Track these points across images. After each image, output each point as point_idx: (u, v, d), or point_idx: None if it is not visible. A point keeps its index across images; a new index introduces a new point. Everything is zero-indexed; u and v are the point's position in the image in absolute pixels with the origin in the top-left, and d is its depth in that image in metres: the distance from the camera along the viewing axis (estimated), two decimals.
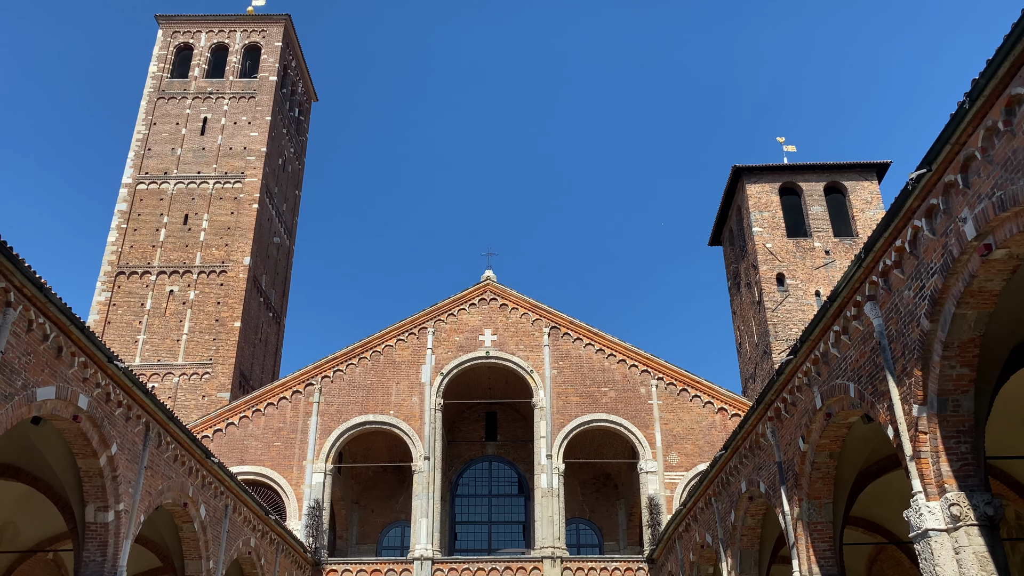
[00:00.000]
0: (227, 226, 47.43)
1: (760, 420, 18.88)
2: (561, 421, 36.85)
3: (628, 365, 38.34)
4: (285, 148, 55.16)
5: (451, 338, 38.76)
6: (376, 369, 37.90)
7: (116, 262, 45.87)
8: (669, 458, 36.29)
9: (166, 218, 47.43)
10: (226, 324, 44.65)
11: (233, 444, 35.86)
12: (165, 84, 51.83)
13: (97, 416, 15.48)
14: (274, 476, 35.34)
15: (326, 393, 37.22)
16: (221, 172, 49.01)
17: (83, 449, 15.71)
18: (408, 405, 37.05)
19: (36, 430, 15.62)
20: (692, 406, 37.54)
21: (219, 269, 46.09)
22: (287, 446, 36.01)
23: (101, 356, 15.28)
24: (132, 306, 44.88)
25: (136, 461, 17.17)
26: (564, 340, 38.85)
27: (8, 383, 12.83)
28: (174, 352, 44.03)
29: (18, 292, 12.95)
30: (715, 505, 23.18)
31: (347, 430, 36.47)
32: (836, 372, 14.74)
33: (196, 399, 42.53)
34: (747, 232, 44.64)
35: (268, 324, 50.81)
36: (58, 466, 16.43)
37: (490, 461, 42.86)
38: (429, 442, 36.11)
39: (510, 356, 38.33)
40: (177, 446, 19.28)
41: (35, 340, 13.60)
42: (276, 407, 36.89)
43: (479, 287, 40.09)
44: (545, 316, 39.30)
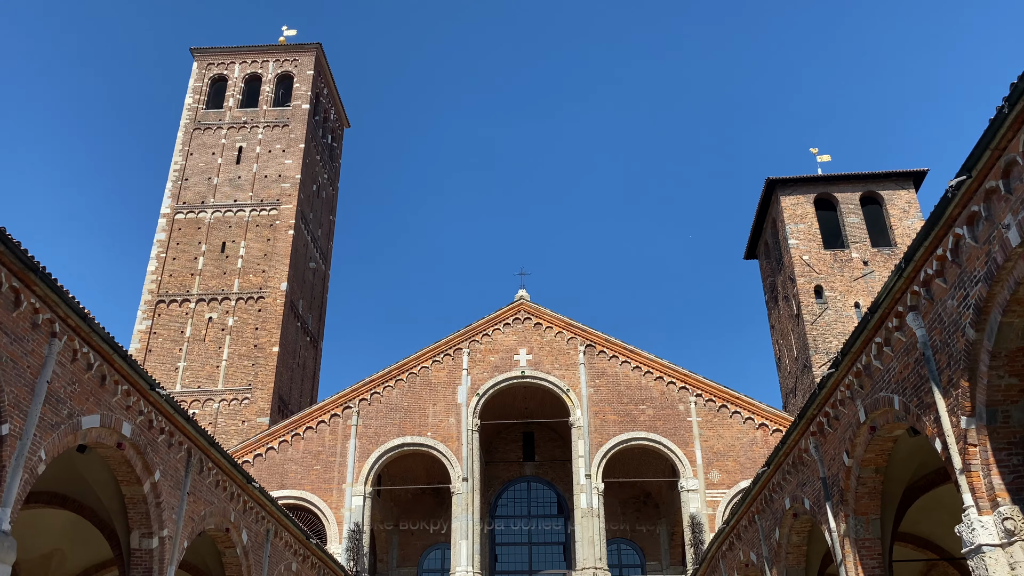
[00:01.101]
0: (264, 253, 48.10)
1: (803, 435, 18.55)
2: (599, 440, 36.58)
3: (666, 382, 38.00)
4: (319, 174, 55.90)
5: (486, 358, 38.76)
6: (413, 391, 38.01)
7: (156, 291, 46.71)
8: (710, 476, 35.80)
9: (204, 246, 48.24)
10: (264, 349, 45.16)
11: (273, 468, 36.13)
12: (201, 115, 52.92)
13: (140, 443, 15.70)
14: (314, 500, 35.49)
15: (364, 416, 37.39)
16: (257, 200, 49.79)
17: (127, 476, 15.92)
18: (445, 426, 37.06)
19: (82, 458, 15.87)
20: (732, 422, 37.05)
21: (257, 295, 46.70)
22: (326, 469, 36.19)
23: (143, 384, 15.52)
24: (172, 334, 45.61)
25: (179, 487, 17.36)
26: (600, 358, 38.65)
27: (55, 412, 13.08)
28: (214, 378, 44.61)
29: (63, 323, 13.23)
30: (759, 523, 22.78)
31: (385, 452, 36.56)
32: (879, 385, 14.45)
33: (236, 424, 42.99)
34: (783, 245, 44.16)
35: (306, 348, 51.28)
36: (103, 493, 16.66)
37: (528, 481, 42.64)
38: (467, 463, 36.05)
39: (545, 375, 38.20)
40: (219, 471, 19.47)
41: (80, 369, 13.86)
42: (315, 431, 37.13)
43: (513, 307, 40.09)
44: (580, 334, 39.15)
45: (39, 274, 12.25)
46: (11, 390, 12.00)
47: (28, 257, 11.93)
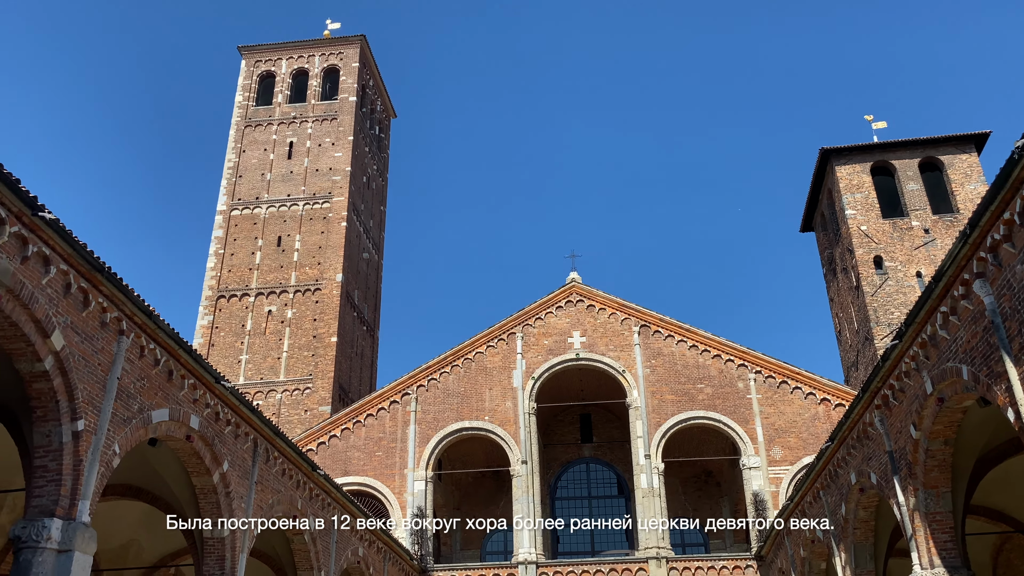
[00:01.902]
0: (318, 245, 48.84)
1: (867, 409, 18.19)
2: (657, 420, 36.39)
3: (724, 360, 37.57)
4: (368, 166, 56.43)
5: (540, 342, 38.81)
6: (469, 376, 38.29)
7: (216, 286, 47.83)
8: (772, 452, 35.37)
9: (260, 241, 49.19)
10: (323, 340, 45.95)
11: (336, 456, 36.82)
12: (251, 112, 53.81)
13: (208, 435, 16.15)
14: (377, 485, 36.09)
15: (422, 402, 37.81)
16: (309, 193, 50.52)
17: (197, 467, 16.40)
18: (502, 410, 37.27)
19: (153, 451, 16.40)
20: (793, 398, 36.49)
21: (313, 287, 47.49)
22: (388, 455, 36.74)
23: (209, 377, 15.95)
24: (233, 328, 46.71)
25: (247, 477, 17.83)
26: (655, 338, 38.37)
27: (126, 407, 13.53)
28: (275, 370, 45.58)
29: (130, 320, 13.66)
30: (824, 498, 22.45)
31: (444, 437, 36.95)
32: (946, 355, 14.07)
33: (299, 414, 43.90)
34: (840, 216, 43.15)
35: (363, 337, 52.02)
36: (175, 484, 17.21)
37: (587, 463, 42.67)
38: (525, 446, 36.23)
39: (600, 357, 38.09)
40: (284, 460, 19.92)
41: (148, 365, 14.31)
42: (375, 418, 37.69)
43: (565, 289, 40.01)
44: (634, 315, 38.91)
45: (105, 274, 12.66)
46: (84, 387, 12.45)
47: (95, 258, 12.32)
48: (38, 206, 11.08)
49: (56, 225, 11.46)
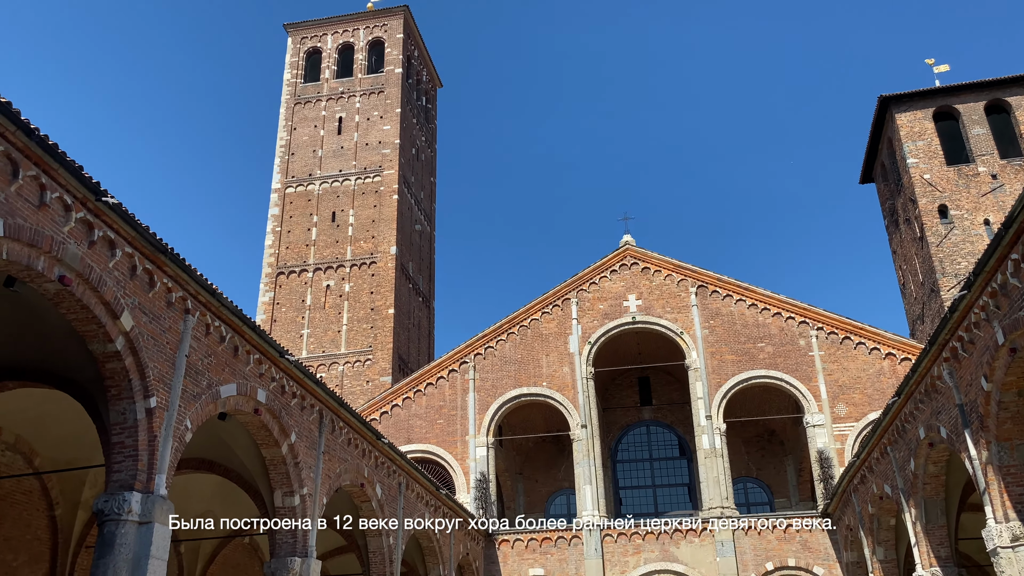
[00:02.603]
0: (372, 219, 49.35)
1: (935, 362, 17.72)
2: (717, 381, 36.08)
3: (784, 318, 36.96)
4: (416, 137, 56.59)
5: (595, 306, 38.68)
6: (525, 343, 38.43)
7: (275, 263, 48.78)
8: (836, 410, 34.82)
9: (315, 217, 49.90)
10: (381, 312, 46.62)
11: (399, 425, 37.48)
12: (300, 89, 54.31)
13: (275, 408, 16.57)
14: (440, 452, 36.68)
15: (480, 370, 38.14)
16: (360, 168, 50.96)
17: (266, 439, 16.86)
18: (560, 376, 37.38)
19: (223, 425, 16.90)
20: (857, 354, 35.77)
21: (369, 261, 48.10)
22: (449, 423, 37.26)
23: (273, 352, 16.32)
24: (294, 303, 47.68)
25: (314, 447, 18.27)
26: (713, 298, 37.91)
27: (195, 383, 13.95)
28: (336, 343, 46.46)
29: (194, 299, 14.02)
30: (891, 454, 22.05)
31: (503, 404, 37.27)
32: (1018, 304, 13.59)
33: (361, 385, 44.76)
34: (901, 165, 41.80)
35: (419, 308, 52.60)
36: (246, 457, 17.74)
37: (647, 425, 42.62)
38: (584, 410, 36.34)
39: (657, 319, 37.82)
40: (349, 430, 20.35)
41: (214, 342, 14.70)
42: (435, 386, 38.19)
43: (618, 253, 39.71)
44: (690, 275, 38.46)
45: (169, 255, 12.99)
46: (155, 366, 12.86)
47: (158, 240, 12.65)
48: (101, 191, 11.40)
49: (119, 209, 11.77)
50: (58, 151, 10.55)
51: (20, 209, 10.29)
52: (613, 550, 33.53)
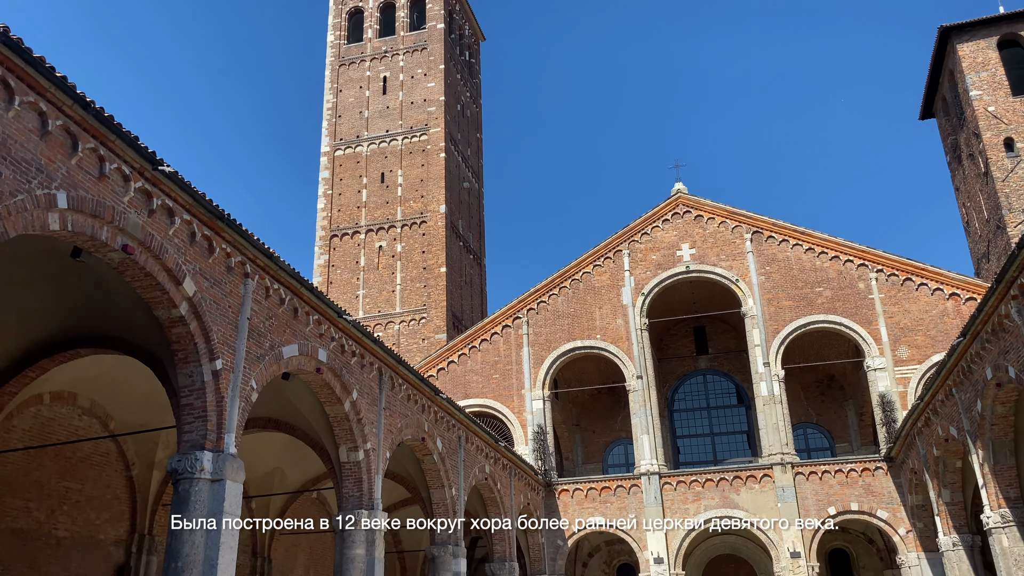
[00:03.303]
0: (420, 178, 49.49)
1: (1002, 300, 17.19)
2: (775, 327, 35.64)
3: (842, 261, 36.18)
4: (461, 93, 56.25)
5: (648, 257, 38.35)
6: (577, 296, 38.39)
7: (328, 226, 49.41)
8: (898, 352, 34.14)
9: (364, 179, 50.24)
10: (433, 271, 46.99)
11: (456, 380, 37.99)
12: (344, 51, 54.29)
13: (336, 366, 16.93)
14: (497, 406, 37.13)
15: (533, 325, 38.29)
16: (407, 127, 50.98)
17: (328, 397, 17.27)
18: (613, 328, 37.33)
19: (287, 385, 17.35)
20: (919, 295, 34.91)
21: (419, 220, 48.38)
22: (504, 378, 37.62)
23: (331, 313, 16.62)
24: (348, 264, 48.35)
25: (375, 404, 18.66)
26: (768, 244, 37.26)
27: (258, 345, 14.31)
28: (391, 302, 47.08)
29: (253, 264, 14.31)
30: (957, 396, 21.60)
31: (558, 357, 37.43)
32: None
33: (416, 343, 45.39)
34: (963, 98, 40.13)
35: (470, 266, 52.86)
36: (310, 415, 18.21)
37: (704, 374, 42.43)
38: (639, 361, 36.30)
39: (712, 268, 37.37)
40: (408, 387, 20.71)
41: (274, 304, 15.01)
42: (489, 342, 38.51)
43: (670, 201, 39.18)
44: (745, 222, 37.80)
45: (226, 221, 13.24)
46: (219, 329, 13.21)
47: (214, 206, 12.89)
48: (157, 160, 11.63)
49: (176, 177, 12.01)
50: (114, 123, 10.77)
51: (81, 181, 10.57)
52: (673, 497, 33.72)
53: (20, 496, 17.21)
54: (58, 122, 10.15)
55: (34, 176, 9.79)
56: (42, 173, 9.91)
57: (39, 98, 9.84)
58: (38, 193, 9.82)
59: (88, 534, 18.92)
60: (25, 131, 9.72)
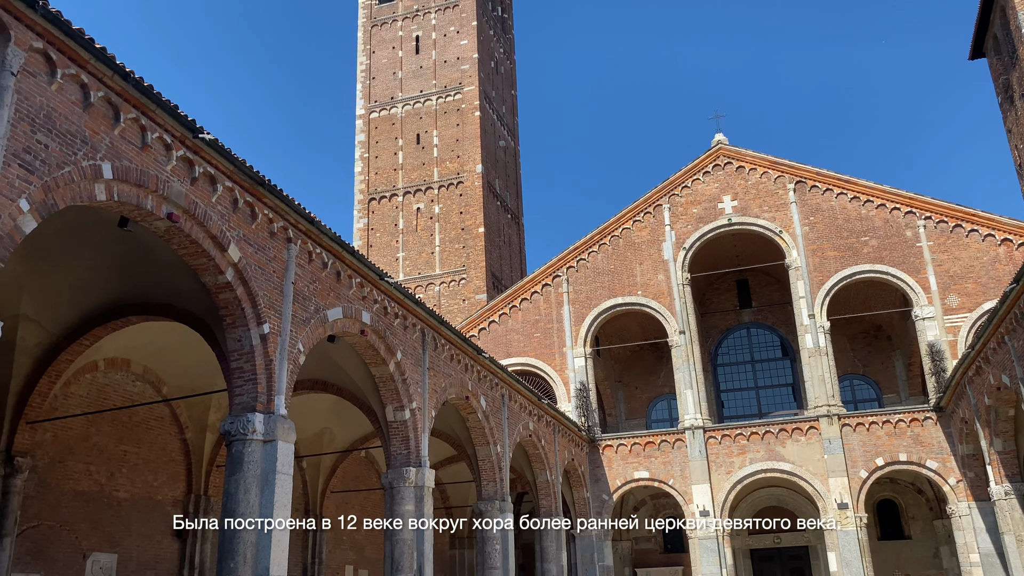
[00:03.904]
0: (455, 138, 49.31)
1: None
2: (820, 278, 35.10)
3: (889, 209, 35.36)
4: (494, 50, 55.64)
5: (688, 211, 37.88)
6: (617, 253, 38.16)
7: (366, 190, 49.63)
8: (947, 301, 33.44)
9: (400, 141, 50.23)
10: (471, 231, 47.05)
11: (497, 340, 38.20)
12: (375, 11, 53.95)
13: (380, 328, 17.11)
14: (539, 364, 37.30)
15: (573, 282, 38.22)
16: (441, 87, 50.68)
17: (373, 358, 17.50)
18: (655, 284, 37.09)
19: (333, 347, 17.59)
20: (969, 242, 34.03)
21: (456, 181, 48.33)
22: (546, 336, 37.72)
23: (373, 275, 16.75)
24: (387, 227, 48.62)
25: (419, 364, 18.86)
26: (812, 194, 36.53)
27: (303, 308, 14.50)
28: (430, 264, 47.34)
29: (295, 228, 14.44)
30: (1010, 343, 21.13)
31: (599, 315, 37.37)
32: None
33: (457, 303, 45.68)
34: (1016, 35, 38.54)
35: (508, 225, 52.79)
36: (356, 376, 18.48)
37: (748, 328, 42.06)
38: (681, 316, 36.09)
39: (754, 220, 36.81)
40: (451, 347, 20.88)
41: (317, 268, 15.17)
42: (530, 301, 38.57)
43: (711, 153, 38.53)
44: (788, 172, 37.06)
45: (267, 187, 13.35)
46: (264, 294, 13.40)
47: (255, 172, 12.99)
48: (197, 128, 11.72)
49: (216, 145, 12.10)
50: (154, 92, 10.86)
51: (125, 152, 10.71)
52: (717, 451, 33.73)
53: (81, 460, 17.83)
54: (100, 94, 10.26)
55: (79, 148, 9.94)
56: (87, 145, 10.06)
57: (80, 70, 9.95)
58: (84, 165, 9.97)
59: (147, 495, 19.56)
60: (68, 104, 9.85)
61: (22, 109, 9.15)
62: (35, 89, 9.37)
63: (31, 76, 9.32)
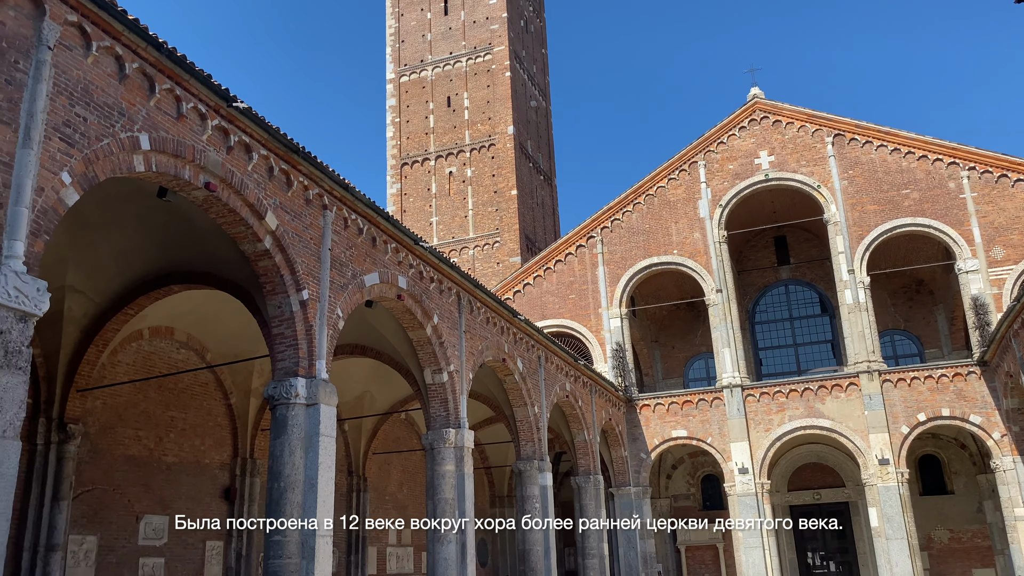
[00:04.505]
0: (486, 100, 48.97)
1: None
2: (859, 233, 34.50)
3: (931, 160, 34.51)
4: (524, 8, 54.91)
5: (724, 167, 37.34)
6: (652, 212, 37.83)
7: (398, 155, 49.64)
8: (992, 253, 32.70)
9: (431, 104, 50.02)
10: (504, 194, 46.92)
11: (533, 302, 38.27)
12: None
13: (416, 293, 17.24)
14: (575, 326, 37.33)
15: (607, 243, 38.03)
16: (470, 48, 50.23)
17: (411, 322, 17.66)
18: (691, 242, 36.76)
19: (371, 312, 17.78)
20: (1015, 192, 33.14)
21: (487, 143, 48.09)
22: (581, 297, 37.69)
23: (408, 240, 16.83)
24: (420, 192, 48.68)
25: (455, 328, 19.00)
26: (851, 147, 35.76)
27: (341, 274, 14.65)
28: (464, 228, 47.38)
29: (330, 195, 14.52)
30: None
31: (634, 275, 37.21)
32: None
33: (491, 267, 45.76)
34: None
35: (541, 187, 52.53)
36: (394, 340, 18.69)
37: (786, 285, 41.58)
38: (718, 275, 35.79)
39: (792, 175, 36.19)
40: (487, 310, 20.98)
41: (352, 235, 15.28)
42: (564, 263, 38.50)
43: (746, 108, 37.82)
44: (826, 125, 36.28)
45: (301, 154, 13.41)
46: (303, 260, 13.54)
47: (289, 140, 13.05)
48: (231, 97, 11.78)
49: (250, 113, 12.16)
50: (187, 62, 10.92)
51: (161, 122, 10.82)
52: (756, 409, 33.63)
53: (131, 426, 18.34)
54: (134, 65, 10.34)
55: (117, 120, 10.06)
56: (124, 116, 10.17)
57: (114, 42, 10.03)
58: (122, 136, 10.10)
59: (195, 459, 20.09)
60: (104, 76, 9.95)
61: (60, 83, 9.27)
62: (71, 63, 9.47)
63: (67, 50, 9.42)
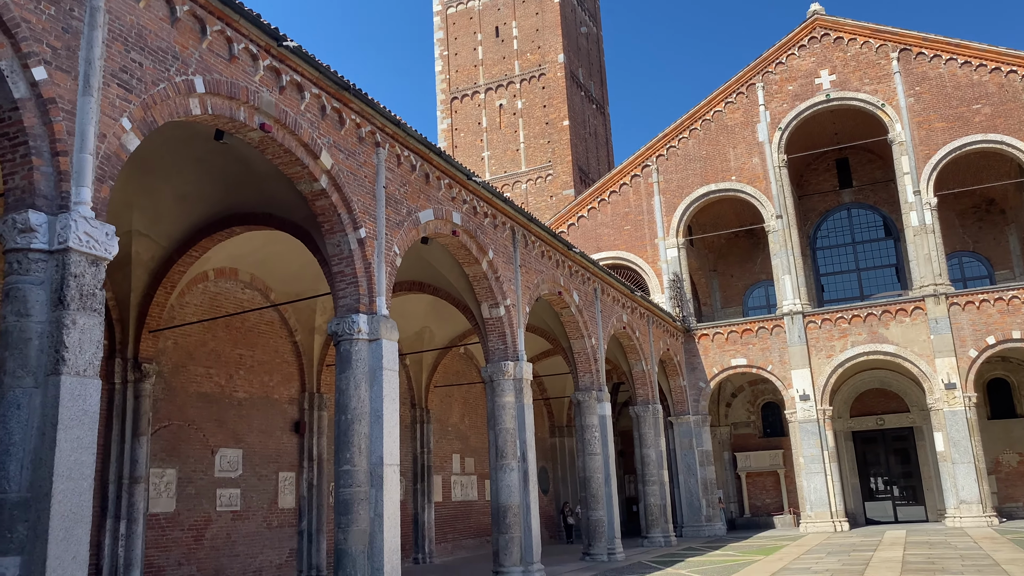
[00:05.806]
0: (535, 28, 47.98)
1: None
2: (926, 152, 33.21)
3: (1004, 73, 32.79)
4: None
5: (783, 89, 36.11)
6: (709, 138, 36.96)
7: (448, 89, 49.19)
8: None
9: (479, 35, 49.22)
10: (555, 125, 46.28)
11: (587, 234, 38.05)
12: None
13: (471, 228, 17.29)
14: (630, 257, 37.08)
15: (663, 171, 37.39)
16: None
17: (466, 258, 17.76)
18: (749, 168, 35.91)
19: (426, 248, 17.93)
20: None
21: (537, 73, 47.29)
22: (636, 228, 37.32)
23: (461, 175, 16.81)
24: (471, 126, 48.32)
25: (510, 262, 19.06)
26: (918, 62, 34.16)
27: (396, 212, 14.75)
28: (516, 161, 47.03)
29: (382, 132, 14.53)
30: None
31: (691, 203, 36.62)
32: None
33: (545, 200, 45.49)
34: None
35: (593, 116, 51.63)
36: (451, 275, 18.86)
37: (848, 209, 40.46)
38: (778, 200, 34.99)
39: (854, 94, 34.84)
40: (541, 244, 20.96)
41: (406, 172, 15.31)
42: (618, 194, 38.05)
43: (806, 25, 36.31)
44: (890, 39, 34.66)
45: (352, 92, 13.39)
46: (358, 199, 13.66)
47: (339, 77, 13.03)
48: (281, 36, 11.77)
49: (300, 52, 12.15)
50: (236, 2, 10.91)
51: (214, 65, 10.89)
52: (817, 335, 33.19)
53: (201, 364, 19.01)
54: (184, 8, 10.38)
55: (171, 64, 10.15)
56: (178, 60, 10.26)
57: None
58: (177, 80, 10.21)
59: (264, 394, 20.79)
60: (156, 20, 10.02)
61: (114, 29, 9.36)
62: (124, 8, 9.55)
63: None
